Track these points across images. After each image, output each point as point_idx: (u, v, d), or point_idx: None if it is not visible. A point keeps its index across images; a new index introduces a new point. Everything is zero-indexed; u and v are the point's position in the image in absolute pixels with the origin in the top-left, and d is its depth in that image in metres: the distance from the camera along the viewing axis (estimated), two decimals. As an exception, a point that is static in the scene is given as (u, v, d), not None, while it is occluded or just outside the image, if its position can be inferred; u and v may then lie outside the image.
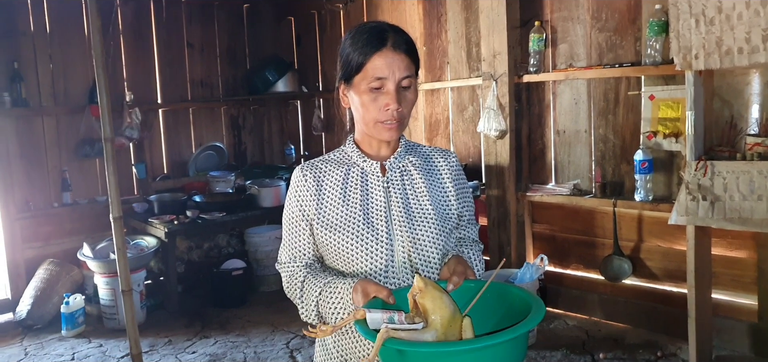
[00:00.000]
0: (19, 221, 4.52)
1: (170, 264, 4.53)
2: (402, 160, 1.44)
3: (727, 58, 2.70)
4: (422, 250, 1.37)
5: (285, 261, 1.46)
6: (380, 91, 1.34)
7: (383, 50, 1.33)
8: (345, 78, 1.39)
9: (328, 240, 1.38)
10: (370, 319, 1.14)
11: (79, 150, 4.78)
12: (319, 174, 1.43)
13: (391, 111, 1.34)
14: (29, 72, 4.60)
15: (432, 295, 1.14)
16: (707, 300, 3.16)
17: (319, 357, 1.49)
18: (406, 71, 1.35)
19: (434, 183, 1.45)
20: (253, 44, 5.80)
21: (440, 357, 1.08)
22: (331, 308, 1.30)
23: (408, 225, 1.37)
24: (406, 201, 1.40)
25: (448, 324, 1.13)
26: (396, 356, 1.10)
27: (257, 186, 4.97)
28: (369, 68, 1.33)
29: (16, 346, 4.03)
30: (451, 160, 1.49)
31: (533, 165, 4.17)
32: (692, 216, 2.90)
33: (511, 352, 1.10)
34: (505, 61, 3.98)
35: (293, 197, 1.44)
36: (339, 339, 1.41)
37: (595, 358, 3.39)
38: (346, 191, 1.40)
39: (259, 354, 3.74)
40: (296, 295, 1.40)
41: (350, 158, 1.44)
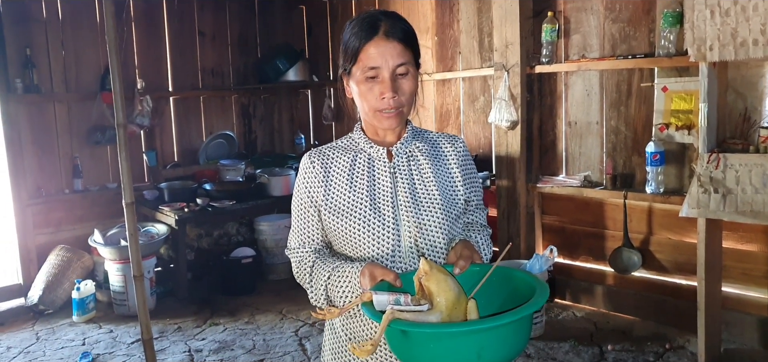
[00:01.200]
0: (30, 207, 4.56)
1: (180, 252, 4.56)
2: (409, 146, 1.44)
3: (741, 49, 2.67)
4: (428, 235, 1.38)
5: (294, 246, 1.48)
6: (375, 80, 1.35)
7: (375, 38, 1.33)
8: (344, 69, 1.40)
9: (335, 226, 1.39)
10: (376, 301, 1.16)
11: (90, 137, 4.81)
12: (326, 160, 1.44)
13: (387, 99, 1.34)
14: (41, 59, 4.63)
15: (437, 278, 1.16)
16: (717, 293, 3.15)
17: (328, 339, 1.51)
18: (400, 58, 1.34)
19: (441, 168, 1.45)
20: (264, 33, 5.80)
21: (442, 338, 1.09)
22: (340, 292, 1.32)
23: (414, 210, 1.38)
24: (413, 187, 1.40)
25: (452, 307, 1.15)
26: (400, 336, 1.12)
27: (267, 174, 4.99)
28: (363, 58, 1.34)
29: (28, 331, 4.09)
30: (458, 146, 1.49)
31: (544, 156, 4.15)
32: (703, 208, 2.88)
33: (515, 334, 1.11)
34: (517, 52, 3.96)
35: (302, 184, 1.45)
36: (347, 321, 1.43)
37: (603, 350, 3.39)
38: (353, 177, 1.41)
39: (268, 342, 3.77)
40: (305, 280, 1.42)
41: (357, 144, 1.45)
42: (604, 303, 3.95)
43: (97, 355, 3.65)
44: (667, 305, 3.65)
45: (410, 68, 1.36)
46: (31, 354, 3.73)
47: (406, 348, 1.12)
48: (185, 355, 3.64)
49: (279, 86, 5.69)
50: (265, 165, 5.38)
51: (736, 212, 2.78)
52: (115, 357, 3.64)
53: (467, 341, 1.07)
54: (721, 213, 2.84)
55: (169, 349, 3.72)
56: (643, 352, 3.34)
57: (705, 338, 3.04)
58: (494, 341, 1.08)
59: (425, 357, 1.10)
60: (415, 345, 1.11)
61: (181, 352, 3.68)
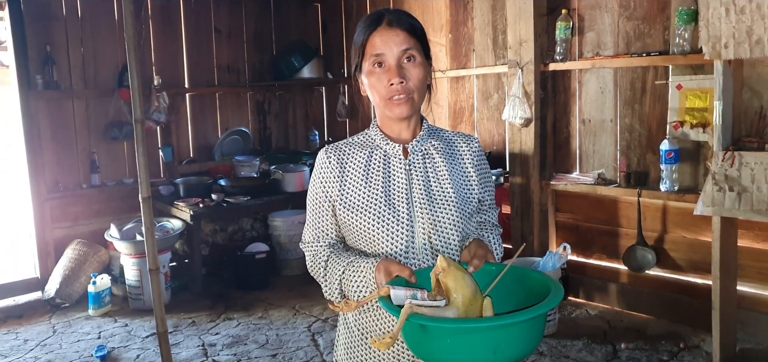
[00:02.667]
0: (48, 201, 4.64)
1: (195, 247, 4.61)
2: (424, 144, 1.45)
3: (757, 47, 2.65)
4: (442, 233, 1.38)
5: (309, 240, 1.49)
6: (382, 68, 1.37)
7: (379, 29, 1.37)
8: (356, 66, 1.43)
9: (350, 222, 1.40)
10: (393, 296, 1.17)
11: (107, 132, 4.88)
12: (342, 156, 1.45)
13: (395, 85, 1.35)
14: (61, 55, 4.71)
15: (454, 275, 1.17)
16: (732, 292, 3.12)
17: (342, 334, 1.52)
18: (404, 44, 1.36)
19: (456, 167, 1.45)
20: (279, 30, 5.84)
21: (460, 333, 1.11)
22: (354, 286, 1.33)
23: (429, 207, 1.38)
24: (428, 184, 1.41)
25: (469, 303, 1.16)
26: (418, 331, 1.13)
27: (281, 171, 5.02)
28: (368, 48, 1.38)
29: (45, 324, 4.16)
30: (473, 145, 1.50)
31: (557, 153, 4.14)
32: (718, 207, 2.86)
33: (530, 332, 1.12)
34: (531, 49, 3.95)
35: (317, 179, 1.46)
36: (360, 316, 1.44)
37: (616, 348, 3.38)
38: (369, 173, 1.42)
39: (281, 337, 3.80)
40: (320, 274, 1.44)
41: (373, 141, 1.46)
42: (617, 301, 3.93)
43: (112, 348, 3.71)
44: (681, 304, 3.63)
45: (417, 55, 1.37)
46: (48, 346, 3.79)
47: (422, 342, 1.14)
48: (199, 349, 3.68)
49: (294, 83, 5.73)
50: (279, 161, 5.42)
51: (752, 210, 2.76)
52: (130, 350, 3.69)
53: (484, 337, 1.09)
54: (736, 211, 2.81)
55: (183, 343, 3.77)
56: (657, 351, 3.32)
57: (720, 337, 3.02)
58: (510, 338, 1.10)
59: (442, 351, 1.12)
60: (432, 340, 1.12)
61: (195, 346, 3.72)
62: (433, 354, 1.14)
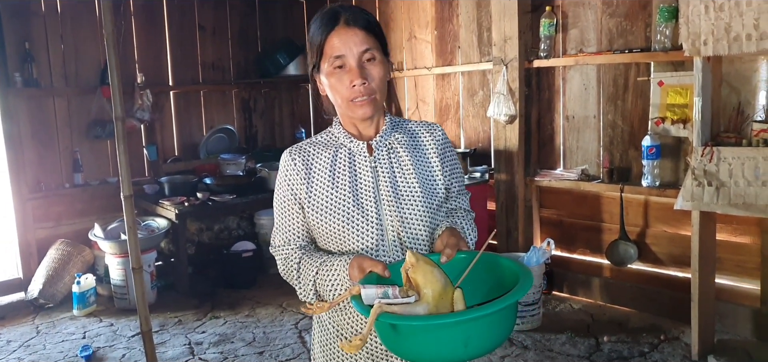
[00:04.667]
0: (30, 201, 4.59)
1: (181, 246, 4.59)
2: (388, 138, 1.44)
3: (735, 44, 2.70)
4: (410, 228, 1.38)
5: (279, 244, 1.47)
6: (343, 70, 1.35)
7: (337, 28, 1.35)
8: (314, 66, 1.41)
9: (319, 223, 1.39)
10: (364, 295, 1.17)
11: (90, 131, 4.83)
12: (307, 157, 1.44)
13: (357, 86, 1.34)
14: (40, 52, 4.65)
15: (423, 270, 1.17)
16: (711, 284, 3.18)
17: (317, 333, 1.52)
18: (364, 44, 1.34)
19: (420, 159, 1.44)
20: (264, 27, 5.82)
21: (429, 330, 1.12)
22: (329, 285, 1.33)
23: (396, 204, 1.38)
24: (394, 181, 1.41)
25: (439, 297, 1.16)
26: (389, 329, 1.14)
27: (267, 169, 5.01)
28: (327, 49, 1.35)
29: (28, 325, 4.12)
30: (437, 134, 1.49)
31: (542, 150, 4.18)
32: (697, 201, 2.91)
33: (500, 322, 1.13)
34: (515, 46, 3.98)
35: (283, 181, 1.44)
36: (335, 315, 1.44)
37: (599, 341, 3.43)
38: (335, 173, 1.41)
39: (268, 334, 3.80)
40: (293, 276, 1.42)
41: (337, 139, 1.44)
42: (600, 295, 3.98)
43: (97, 348, 3.68)
44: (662, 297, 3.69)
45: (376, 54, 1.36)
46: (32, 347, 3.76)
47: (395, 340, 1.15)
48: (185, 348, 3.67)
49: (279, 80, 5.71)
50: (265, 159, 5.41)
51: (729, 204, 2.81)
52: (115, 350, 3.67)
53: (454, 331, 1.10)
54: (714, 205, 2.87)
55: (169, 342, 3.76)
56: (639, 343, 3.37)
57: (698, 329, 3.08)
58: (480, 330, 1.11)
59: (414, 348, 1.13)
60: (403, 338, 1.13)
61: (181, 345, 3.71)
62: (406, 351, 1.15)
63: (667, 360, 3.18)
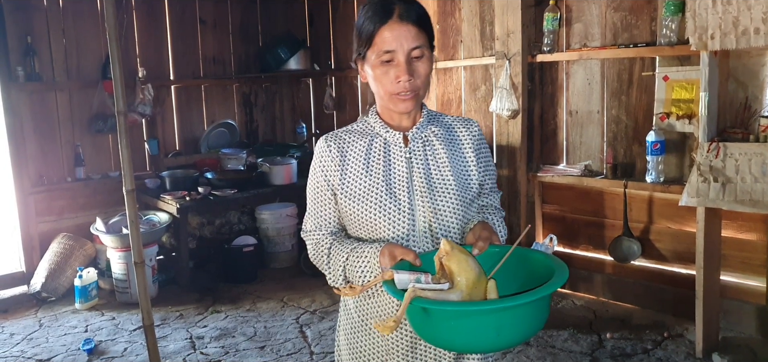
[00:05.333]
0: (33, 195, 4.58)
1: (182, 240, 4.58)
2: (424, 131, 1.45)
3: (743, 38, 2.67)
4: (443, 220, 1.39)
5: (310, 229, 1.49)
6: (391, 64, 1.35)
7: (390, 22, 1.34)
8: (359, 53, 1.40)
9: (351, 210, 1.41)
10: (397, 280, 1.18)
11: (91, 125, 4.82)
12: (342, 144, 1.45)
13: (403, 83, 1.35)
14: (42, 46, 4.63)
15: (458, 258, 1.18)
16: (715, 281, 3.16)
17: (343, 321, 1.54)
18: (415, 42, 1.34)
19: (456, 153, 1.46)
20: (265, 21, 5.79)
21: (463, 316, 1.12)
22: (359, 272, 1.34)
23: (429, 195, 1.39)
24: (428, 172, 1.42)
25: (473, 286, 1.17)
26: (422, 314, 1.14)
27: (269, 164, 5.00)
28: (378, 41, 1.35)
29: (31, 318, 4.11)
30: (473, 129, 1.50)
31: (545, 145, 4.15)
32: (703, 197, 2.89)
33: (534, 314, 1.13)
34: (518, 41, 3.95)
35: (318, 167, 1.46)
36: (361, 304, 1.45)
37: (601, 338, 3.41)
38: (369, 162, 1.42)
39: (269, 329, 3.79)
40: (323, 262, 1.43)
41: (373, 129, 1.46)
42: (603, 291, 3.97)
43: (99, 342, 3.68)
44: (666, 294, 3.67)
45: (425, 51, 1.37)
46: (34, 340, 3.76)
47: (427, 325, 1.15)
48: (187, 342, 3.66)
49: (280, 75, 5.69)
50: (266, 154, 5.39)
51: (736, 201, 2.79)
52: (117, 343, 3.67)
53: (487, 319, 1.10)
54: (720, 202, 2.84)
55: (170, 336, 3.75)
56: (642, 340, 3.35)
57: (703, 326, 3.06)
58: (513, 320, 1.11)
59: (446, 334, 1.13)
60: (436, 323, 1.13)
61: (182, 339, 3.70)
62: (437, 337, 1.16)
63: (670, 357, 3.16)
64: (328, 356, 3.39)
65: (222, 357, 3.45)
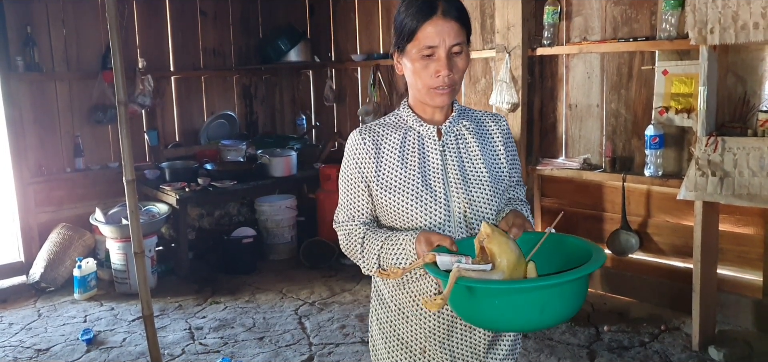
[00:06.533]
0: (32, 185, 4.59)
1: (181, 231, 4.59)
2: (456, 125, 1.49)
3: (742, 33, 2.67)
4: (477, 209, 1.43)
5: (342, 220, 1.52)
6: (431, 59, 1.38)
7: (434, 18, 1.37)
8: (398, 46, 1.43)
9: (387, 201, 1.44)
10: (440, 261, 1.22)
11: (91, 116, 4.82)
12: (377, 137, 1.48)
13: (442, 77, 1.38)
14: (42, 37, 4.63)
15: (498, 240, 1.21)
16: (713, 275, 3.18)
17: (377, 311, 1.57)
18: (457, 38, 1.38)
19: (487, 146, 1.50)
20: (266, 13, 5.79)
21: (509, 293, 1.15)
22: (394, 258, 1.37)
23: (464, 186, 1.43)
24: (461, 164, 1.45)
25: (514, 267, 1.20)
26: (465, 293, 1.17)
27: (268, 155, 5.00)
28: (420, 36, 1.37)
29: (30, 308, 4.12)
30: (502, 124, 1.55)
31: (544, 138, 4.16)
32: (701, 191, 2.90)
33: (575, 292, 1.17)
34: (518, 34, 3.95)
35: (352, 159, 1.49)
36: (397, 293, 1.49)
37: (599, 331, 3.43)
38: (405, 154, 1.46)
39: (268, 320, 3.81)
40: (356, 250, 1.47)
41: (406, 122, 1.49)
42: (601, 284, 3.98)
43: (98, 332, 3.69)
44: (663, 287, 3.68)
45: (464, 47, 1.40)
46: (33, 330, 3.77)
47: (470, 305, 1.18)
48: (186, 333, 3.68)
49: (280, 67, 5.69)
50: (266, 145, 5.39)
51: (733, 195, 2.80)
52: (116, 334, 3.68)
53: (532, 297, 1.13)
54: (718, 196, 2.85)
55: (169, 327, 3.76)
56: (639, 333, 3.37)
57: (700, 319, 3.08)
58: (557, 298, 1.14)
59: (490, 313, 1.16)
60: (480, 302, 1.16)
61: (181, 330, 3.72)
62: (481, 316, 1.19)
63: (667, 350, 3.17)
64: (328, 347, 3.40)
65: (221, 347, 3.46)
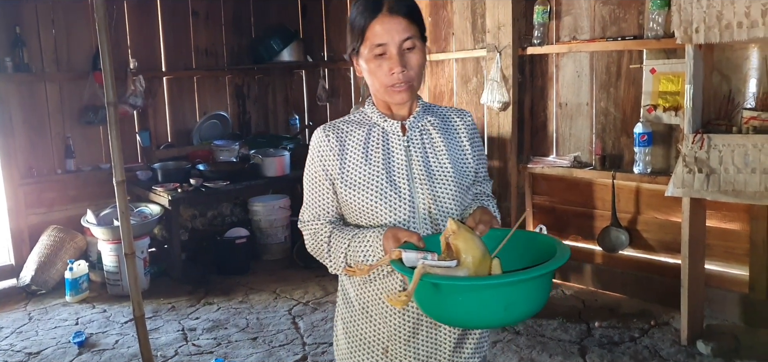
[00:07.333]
0: (22, 187, 4.56)
1: (174, 232, 4.58)
2: (421, 120, 1.48)
3: (726, 32, 2.71)
4: (442, 205, 1.42)
5: (308, 219, 1.50)
6: (384, 57, 1.38)
7: (380, 16, 1.37)
8: (353, 49, 1.43)
9: (351, 199, 1.43)
10: (405, 258, 1.22)
11: (82, 117, 4.80)
12: (341, 134, 1.47)
13: (397, 74, 1.38)
14: (31, 37, 4.60)
15: (464, 236, 1.22)
16: (700, 270, 3.22)
17: (341, 312, 1.56)
18: (406, 33, 1.37)
19: (452, 141, 1.49)
20: (258, 13, 5.79)
21: (474, 290, 1.15)
22: (361, 256, 1.36)
23: (428, 182, 1.42)
24: (426, 160, 1.45)
25: (479, 263, 1.21)
26: (431, 290, 1.17)
27: (261, 155, 5.00)
28: (369, 35, 1.38)
29: (21, 311, 4.11)
30: (467, 119, 1.54)
31: (535, 137, 4.19)
32: (688, 188, 2.94)
33: (539, 289, 1.18)
34: (509, 33, 3.98)
35: (316, 157, 1.47)
36: (362, 292, 1.48)
37: (590, 327, 3.46)
38: (368, 151, 1.45)
39: (262, 320, 3.82)
40: (323, 250, 1.45)
41: (371, 119, 1.48)
42: (592, 281, 4.02)
43: (90, 334, 3.69)
44: (652, 283, 3.72)
45: (417, 42, 1.40)
46: (24, 333, 3.75)
47: (435, 301, 1.18)
48: (179, 334, 3.68)
49: (273, 66, 5.69)
50: (259, 145, 5.40)
51: (719, 191, 2.84)
52: (108, 336, 3.68)
53: (497, 294, 1.14)
54: (704, 192, 2.89)
55: (162, 328, 3.77)
56: (629, 329, 3.41)
57: (688, 314, 3.12)
58: (521, 295, 1.15)
59: (455, 309, 1.16)
60: (445, 298, 1.16)
61: (174, 331, 3.72)
62: (446, 312, 1.19)
63: (656, 344, 3.21)
64: (321, 347, 3.42)
65: (214, 348, 3.47)
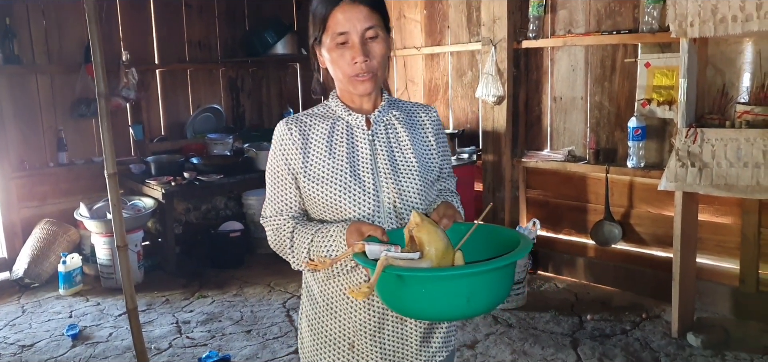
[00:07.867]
0: (14, 180, 4.53)
1: (168, 226, 4.56)
2: (386, 114, 1.46)
3: (721, 25, 2.71)
4: (407, 200, 1.41)
5: (270, 215, 1.47)
6: (346, 46, 1.36)
7: (342, 4, 1.35)
8: (316, 39, 1.41)
9: (315, 193, 1.40)
10: (369, 251, 1.21)
11: (74, 109, 4.77)
12: (304, 128, 1.44)
13: (359, 64, 1.35)
14: (22, 28, 4.55)
15: (427, 229, 1.21)
16: (692, 264, 3.24)
17: (306, 308, 1.53)
18: (368, 22, 1.35)
19: (417, 136, 1.48)
20: (252, 5, 5.75)
21: (437, 281, 1.15)
22: (324, 251, 1.34)
23: (393, 176, 1.41)
24: (391, 154, 1.43)
25: (442, 256, 1.21)
26: (393, 282, 1.17)
27: (255, 149, 4.99)
28: (331, 24, 1.36)
29: (14, 304, 4.09)
30: (432, 115, 1.53)
31: (529, 131, 4.20)
32: (681, 182, 2.95)
33: (501, 281, 1.18)
34: (504, 27, 3.97)
35: (278, 151, 1.44)
36: (326, 287, 1.45)
37: (582, 320, 3.48)
38: (332, 144, 1.42)
39: (256, 313, 3.82)
40: (286, 246, 1.42)
41: (335, 112, 1.46)
42: (585, 274, 4.04)
43: (84, 327, 3.68)
44: (644, 276, 3.74)
45: (379, 31, 1.37)
46: (18, 326, 3.74)
47: (398, 294, 1.18)
48: (173, 327, 3.67)
49: (267, 59, 5.66)
50: (253, 139, 5.38)
51: (711, 185, 2.85)
52: (102, 329, 3.67)
53: (459, 285, 1.14)
54: (697, 186, 2.90)
55: (156, 321, 3.76)
56: (621, 321, 3.43)
57: (679, 307, 3.14)
58: (483, 286, 1.15)
59: (418, 301, 1.16)
60: (408, 291, 1.16)
61: (168, 324, 3.71)
62: (409, 304, 1.18)
63: (647, 337, 3.23)
64: (314, 339, 3.42)
65: (208, 341, 3.47)
